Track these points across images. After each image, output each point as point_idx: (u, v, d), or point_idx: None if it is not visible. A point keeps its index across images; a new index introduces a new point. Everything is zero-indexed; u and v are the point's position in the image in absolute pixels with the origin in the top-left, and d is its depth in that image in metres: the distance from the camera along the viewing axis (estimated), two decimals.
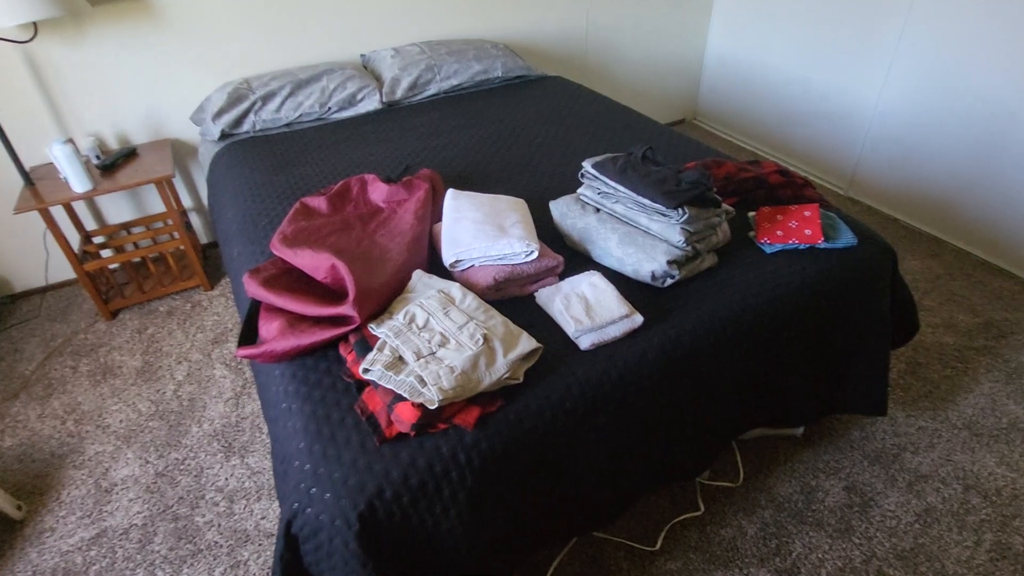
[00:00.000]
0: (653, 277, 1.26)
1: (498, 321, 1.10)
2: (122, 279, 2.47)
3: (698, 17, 3.28)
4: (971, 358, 1.92)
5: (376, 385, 1.01)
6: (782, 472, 1.60)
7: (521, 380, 1.05)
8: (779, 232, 1.41)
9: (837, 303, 1.35)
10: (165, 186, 2.14)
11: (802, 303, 1.30)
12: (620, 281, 1.29)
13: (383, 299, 1.16)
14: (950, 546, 1.42)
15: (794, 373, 1.36)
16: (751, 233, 1.45)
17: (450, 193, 1.47)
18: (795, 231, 1.40)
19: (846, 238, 1.41)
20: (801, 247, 1.39)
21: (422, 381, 0.97)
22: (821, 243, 1.38)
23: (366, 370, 1.02)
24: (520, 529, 1.09)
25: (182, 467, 1.70)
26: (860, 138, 2.70)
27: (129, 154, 2.19)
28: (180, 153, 2.43)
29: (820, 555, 1.41)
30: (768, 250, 1.39)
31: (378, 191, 1.55)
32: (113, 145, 2.29)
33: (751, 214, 1.49)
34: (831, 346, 1.39)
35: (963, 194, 2.35)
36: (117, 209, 2.42)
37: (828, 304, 1.34)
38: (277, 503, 1.58)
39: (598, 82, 3.21)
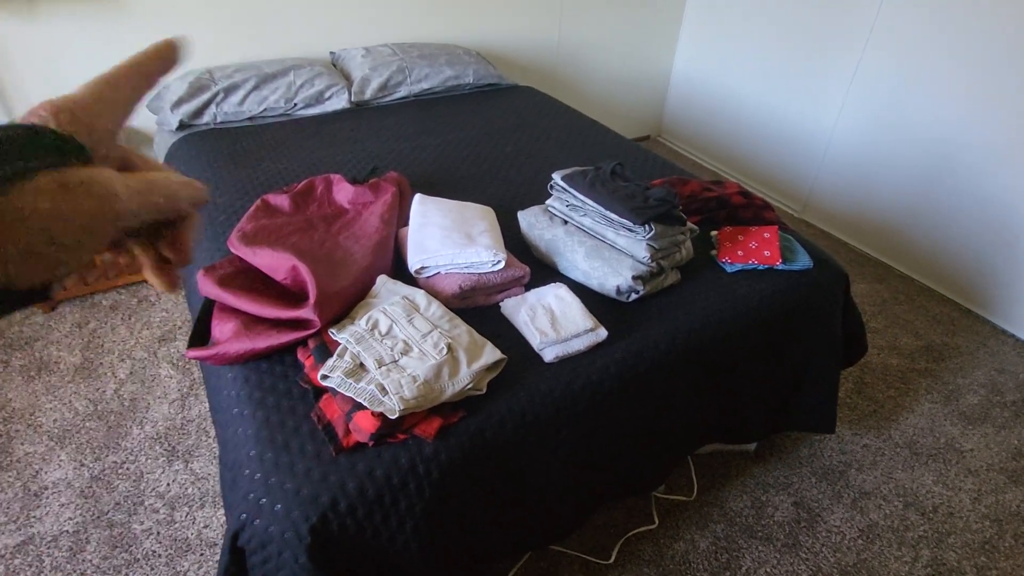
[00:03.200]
0: (618, 292, 1.27)
1: (463, 330, 1.09)
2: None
3: (666, 36, 3.36)
4: (913, 379, 2.01)
5: (335, 392, 0.98)
6: (734, 487, 1.63)
7: (484, 391, 1.04)
8: (740, 252, 1.44)
9: (792, 323, 1.39)
10: None
11: (759, 322, 1.33)
12: (585, 294, 1.29)
13: (345, 303, 1.13)
14: (890, 561, 1.47)
15: (750, 390, 1.39)
16: (713, 252, 1.48)
17: (417, 198, 1.45)
18: (755, 252, 1.44)
19: (802, 260, 1.46)
20: (760, 267, 1.43)
21: (383, 390, 0.95)
22: (779, 264, 1.42)
23: (325, 376, 0.98)
24: (476, 542, 1.08)
25: (120, 471, 1.61)
26: (816, 163, 2.80)
27: None
28: (134, 142, 2.32)
29: (768, 569, 1.44)
30: (729, 269, 1.43)
31: (343, 192, 1.52)
32: None
33: (713, 233, 1.52)
34: (785, 364, 1.43)
35: (909, 222, 2.47)
36: None
37: (784, 323, 1.37)
38: (222, 511, 1.51)
39: (567, 94, 3.24)
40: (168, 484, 1.58)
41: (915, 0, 2.23)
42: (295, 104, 2.12)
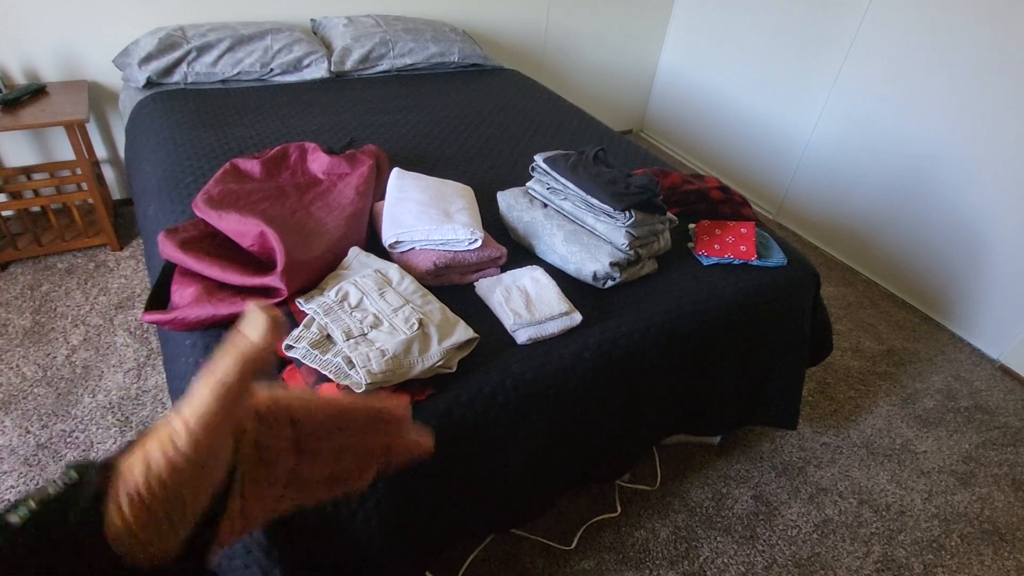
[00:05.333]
0: (595, 278, 1.26)
1: (435, 307, 1.06)
2: (16, 229, 2.22)
3: (654, 32, 3.36)
4: (873, 382, 2.05)
5: (299, 364, 0.95)
6: (696, 478, 1.65)
7: (454, 370, 1.01)
8: (716, 246, 1.45)
9: (763, 318, 1.40)
10: (76, 131, 1.94)
11: (732, 316, 1.33)
12: (562, 279, 1.28)
13: (314, 274, 1.10)
14: (843, 556, 1.50)
15: (718, 382, 1.40)
16: (690, 244, 1.48)
17: (395, 172, 1.42)
18: (731, 246, 1.44)
19: (777, 258, 1.47)
20: (735, 262, 1.44)
21: (350, 363, 0.92)
22: (754, 260, 1.43)
23: (289, 347, 0.95)
24: (439, 522, 1.06)
25: (69, 440, 1.55)
26: (792, 167, 2.84)
27: (37, 91, 1.98)
28: (98, 98, 2.21)
29: (725, 560, 1.46)
30: (705, 262, 1.43)
31: (318, 161, 1.47)
32: (19, 80, 2.06)
33: (691, 226, 1.52)
34: (754, 359, 1.45)
35: (878, 230, 2.52)
36: (17, 151, 2.17)
37: (755, 319, 1.38)
38: None
39: (553, 82, 3.22)
40: None
41: (898, 14, 2.27)
42: (271, 69, 2.05)
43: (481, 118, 2.02)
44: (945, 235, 2.29)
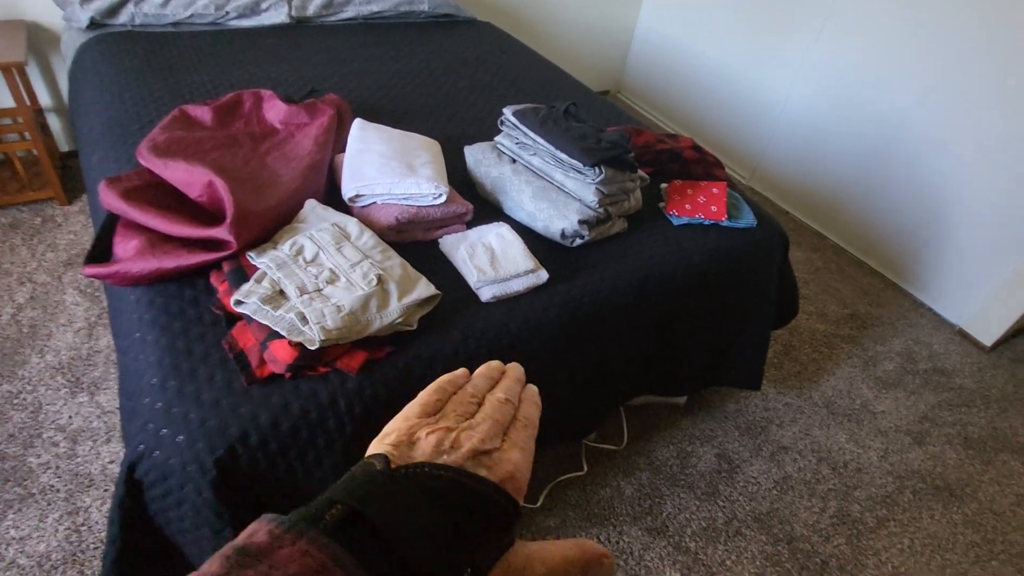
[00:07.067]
0: (563, 235, 1.22)
1: (396, 263, 1.02)
2: None
3: None
4: (836, 345, 2.09)
5: (249, 320, 0.91)
6: (662, 438, 1.67)
7: (414, 327, 0.98)
8: (687, 206, 1.42)
9: (731, 280, 1.39)
10: (15, 75, 1.80)
11: (701, 276, 1.32)
12: (529, 236, 1.24)
13: (267, 226, 1.04)
14: (800, 511, 1.55)
15: (685, 342, 1.40)
16: (661, 204, 1.45)
17: (357, 123, 1.35)
18: (702, 206, 1.42)
19: (747, 219, 1.45)
20: (706, 222, 1.42)
21: (303, 319, 0.88)
22: (724, 221, 1.41)
23: (239, 302, 0.90)
24: None
25: (16, 401, 1.48)
26: (767, 133, 2.82)
27: None
28: (39, 40, 2.06)
29: (688, 515, 1.49)
30: (675, 222, 1.41)
31: (275, 110, 1.39)
32: None
33: (663, 185, 1.50)
34: (721, 320, 1.45)
35: (846, 196, 2.54)
36: None
37: (723, 280, 1.37)
38: None
39: (528, 37, 3.11)
40: (71, 417, 1.47)
41: None
42: (227, 13, 1.92)
43: (451, 71, 1.94)
44: (911, 203, 2.31)
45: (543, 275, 1.12)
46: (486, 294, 1.07)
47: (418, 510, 0.25)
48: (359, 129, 1.32)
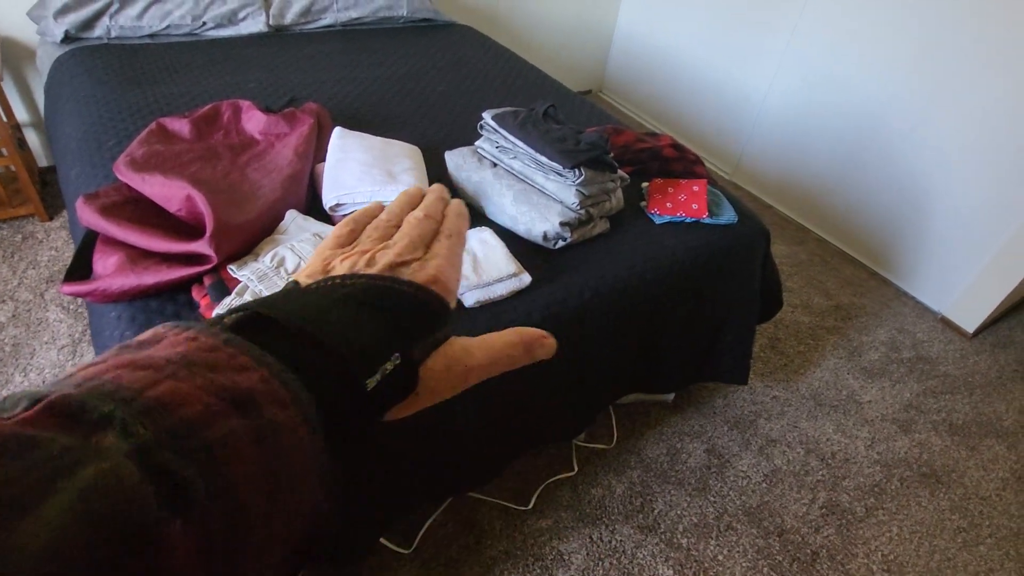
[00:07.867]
0: (545, 238, 1.23)
1: None
2: None
3: None
4: (821, 336, 2.11)
5: None
6: (652, 435, 1.68)
7: None
8: (668, 204, 1.44)
9: (715, 276, 1.41)
10: None
11: (684, 273, 1.33)
12: (511, 240, 1.25)
13: (248, 238, 1.04)
14: (790, 503, 1.56)
15: (671, 340, 1.41)
16: (643, 203, 1.46)
17: (337, 131, 1.35)
18: (683, 204, 1.44)
19: (728, 216, 1.47)
20: (687, 220, 1.43)
21: None
22: (705, 218, 1.43)
23: None
24: (390, 490, 1.04)
25: None
26: (748, 128, 2.84)
27: None
28: (14, 55, 2.04)
29: (679, 512, 1.50)
30: (657, 220, 1.42)
31: (254, 120, 1.39)
32: None
33: (644, 184, 1.51)
34: (706, 317, 1.46)
35: (828, 188, 2.56)
36: None
37: (707, 276, 1.39)
38: None
39: (508, 40, 3.11)
40: None
41: None
42: (203, 23, 1.92)
43: (431, 76, 1.94)
44: (892, 193, 2.34)
45: (526, 278, 1.13)
46: (469, 299, 1.08)
47: (328, 309, 0.24)
48: (339, 137, 1.33)
